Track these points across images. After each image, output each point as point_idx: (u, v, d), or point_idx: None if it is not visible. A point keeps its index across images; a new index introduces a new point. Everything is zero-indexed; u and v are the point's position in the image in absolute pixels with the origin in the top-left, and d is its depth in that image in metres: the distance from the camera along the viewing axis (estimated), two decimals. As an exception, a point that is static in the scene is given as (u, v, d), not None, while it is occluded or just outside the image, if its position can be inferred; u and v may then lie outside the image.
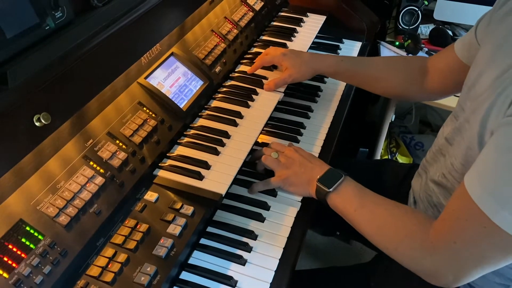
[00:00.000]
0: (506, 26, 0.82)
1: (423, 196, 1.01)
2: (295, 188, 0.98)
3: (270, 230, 0.92)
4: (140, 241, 0.80)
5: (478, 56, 0.89)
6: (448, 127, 0.96)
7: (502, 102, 0.72)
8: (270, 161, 1.01)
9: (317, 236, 1.91)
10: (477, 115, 0.77)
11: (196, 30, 1.20)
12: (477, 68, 0.86)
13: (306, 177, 0.97)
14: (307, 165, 0.98)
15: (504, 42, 0.80)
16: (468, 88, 0.88)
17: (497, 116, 0.72)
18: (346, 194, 0.92)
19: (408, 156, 2.10)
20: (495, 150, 0.69)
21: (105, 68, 0.90)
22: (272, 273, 0.84)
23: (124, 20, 0.92)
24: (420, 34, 1.79)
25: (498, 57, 0.80)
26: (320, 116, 1.23)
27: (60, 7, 0.80)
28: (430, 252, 0.77)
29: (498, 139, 0.70)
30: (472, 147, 0.79)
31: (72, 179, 0.80)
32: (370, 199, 0.91)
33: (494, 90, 0.75)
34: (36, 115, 0.74)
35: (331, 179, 0.93)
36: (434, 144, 1.03)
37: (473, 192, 0.69)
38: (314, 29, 1.48)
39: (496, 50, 0.82)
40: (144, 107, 0.97)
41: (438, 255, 0.76)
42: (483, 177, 0.69)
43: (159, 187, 0.91)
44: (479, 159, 0.72)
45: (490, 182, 0.68)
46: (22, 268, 0.68)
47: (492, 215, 0.66)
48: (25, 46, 0.75)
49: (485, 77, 0.81)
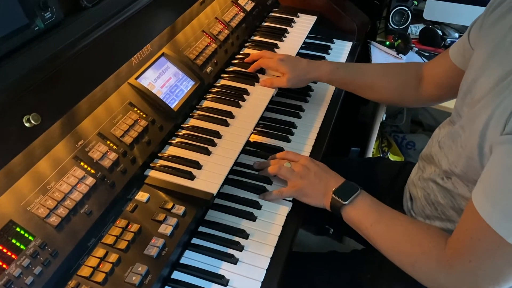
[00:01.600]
0: (498, 30, 0.83)
1: (421, 194, 1.01)
2: (309, 199, 0.97)
3: (262, 229, 0.92)
4: (131, 241, 0.80)
5: (472, 61, 0.90)
6: (445, 130, 0.96)
7: (500, 115, 0.72)
8: (285, 171, 0.99)
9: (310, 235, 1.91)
10: (475, 126, 0.78)
11: (187, 31, 1.20)
12: (472, 73, 0.86)
13: (321, 188, 0.96)
14: (323, 175, 0.98)
15: (497, 48, 0.81)
16: (463, 93, 0.89)
17: (495, 129, 0.73)
18: (362, 207, 0.91)
19: (399, 155, 2.11)
20: (500, 170, 0.70)
21: (95, 69, 0.90)
22: (263, 271, 0.85)
23: (114, 20, 0.92)
24: (410, 34, 1.81)
25: (492, 63, 0.80)
26: (311, 115, 1.24)
27: (49, 7, 0.80)
28: (446, 270, 0.77)
29: (500, 158, 0.70)
30: (473, 158, 0.79)
31: (63, 180, 0.79)
32: (386, 214, 0.90)
33: (491, 101, 0.76)
34: (25, 116, 0.74)
35: (347, 192, 0.93)
36: (428, 145, 1.03)
37: (484, 213, 0.70)
38: (305, 30, 1.48)
39: (490, 55, 0.82)
40: (135, 107, 0.97)
41: (454, 273, 0.76)
42: (491, 197, 0.70)
43: (150, 187, 0.91)
44: (484, 178, 0.73)
45: (500, 203, 0.69)
46: (13, 269, 0.68)
47: (506, 236, 0.67)
48: (14, 46, 0.75)
49: (481, 84, 0.82)
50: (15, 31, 0.74)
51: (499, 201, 0.69)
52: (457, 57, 1.01)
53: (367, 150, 1.91)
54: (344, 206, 0.92)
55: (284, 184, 1.01)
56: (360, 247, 1.21)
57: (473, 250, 0.73)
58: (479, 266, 0.73)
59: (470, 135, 0.80)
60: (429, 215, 0.99)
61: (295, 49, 1.38)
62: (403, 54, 1.68)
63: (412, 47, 1.69)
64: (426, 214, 0.99)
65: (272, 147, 1.10)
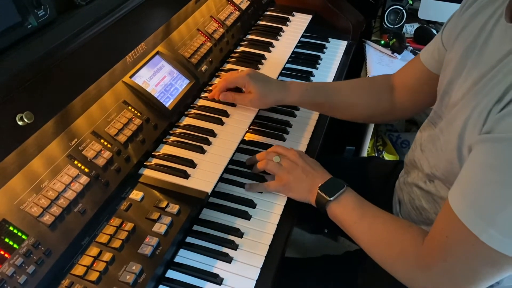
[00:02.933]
0: (470, 30, 0.83)
1: (407, 199, 1.02)
2: (295, 194, 0.98)
3: (256, 228, 0.93)
4: (126, 240, 0.80)
5: (446, 61, 0.89)
6: (425, 133, 0.95)
7: (478, 116, 0.72)
8: (272, 166, 0.99)
9: (305, 234, 1.92)
10: (453, 129, 0.78)
11: (181, 29, 1.20)
12: (447, 75, 0.86)
13: (307, 184, 0.96)
14: (310, 171, 0.98)
15: (470, 48, 0.81)
16: (441, 96, 0.88)
17: (473, 131, 0.73)
18: (346, 204, 0.91)
19: (394, 154, 2.12)
20: (477, 168, 0.70)
21: (89, 67, 0.89)
22: (258, 270, 0.85)
23: (108, 19, 0.91)
24: (405, 33, 1.81)
25: (467, 64, 0.80)
26: (306, 114, 1.24)
27: (42, 5, 0.79)
28: (423, 270, 0.77)
29: (478, 157, 0.70)
30: (452, 161, 0.79)
31: (57, 179, 0.79)
32: (369, 212, 0.90)
33: (468, 103, 0.75)
34: (18, 114, 0.73)
35: (333, 188, 0.93)
36: (412, 148, 1.02)
37: (459, 211, 0.70)
38: (300, 28, 1.48)
39: (463, 56, 0.82)
40: (129, 106, 0.97)
41: (430, 273, 0.76)
42: (467, 196, 0.70)
43: (144, 186, 0.91)
44: (461, 177, 0.73)
45: (474, 201, 0.68)
46: (6, 268, 0.67)
47: (479, 234, 0.67)
48: (7, 44, 0.75)
49: (457, 85, 0.82)
50: (8, 29, 0.74)
51: (472, 198, 0.69)
52: (430, 61, 1.00)
53: (362, 149, 1.92)
54: (329, 202, 0.92)
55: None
56: (354, 247, 1.21)
57: (448, 249, 0.73)
58: (455, 265, 0.73)
59: (449, 138, 0.80)
60: (415, 220, 0.99)
61: (290, 48, 1.38)
62: (398, 53, 1.68)
63: (407, 46, 1.70)
64: (412, 219, 0.99)
65: (267, 146, 1.10)
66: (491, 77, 0.73)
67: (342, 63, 1.47)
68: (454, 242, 0.72)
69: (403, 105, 1.11)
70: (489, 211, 0.66)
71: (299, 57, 1.47)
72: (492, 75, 0.73)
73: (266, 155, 1.02)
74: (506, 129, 0.66)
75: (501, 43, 0.74)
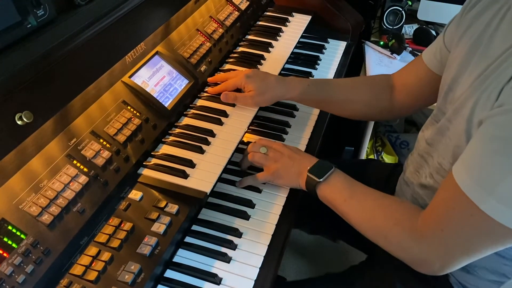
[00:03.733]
0: (475, 29, 0.84)
1: (409, 198, 1.01)
2: (284, 180, 0.99)
3: (255, 228, 0.93)
4: (124, 240, 0.80)
5: (450, 61, 0.90)
6: (429, 131, 0.96)
7: (487, 97, 0.73)
8: (258, 157, 1.01)
9: (303, 234, 1.92)
10: (461, 114, 0.78)
11: (181, 29, 1.20)
12: (451, 73, 0.87)
13: (295, 169, 0.97)
14: (296, 157, 0.99)
15: (476, 45, 0.81)
16: (445, 93, 0.89)
17: (482, 110, 0.73)
18: (336, 184, 0.93)
19: (393, 155, 2.12)
20: (482, 140, 0.70)
21: (88, 67, 0.89)
22: (256, 270, 0.85)
23: (107, 18, 0.91)
24: (404, 34, 1.82)
25: (472, 60, 0.81)
26: (305, 115, 1.24)
27: (42, 5, 0.79)
28: (418, 240, 0.79)
29: (485, 129, 0.71)
30: (460, 145, 0.80)
31: (55, 178, 0.79)
32: (359, 190, 0.92)
33: (476, 89, 0.76)
34: (18, 114, 0.73)
35: (322, 170, 0.94)
36: (415, 150, 1.03)
37: (461, 181, 0.71)
38: (299, 29, 1.48)
39: (468, 53, 0.83)
40: (128, 106, 0.97)
41: (426, 243, 0.78)
42: (470, 166, 0.71)
43: (143, 186, 0.91)
44: (466, 150, 0.74)
45: (477, 171, 0.69)
46: (4, 267, 0.67)
47: (479, 203, 0.68)
48: (6, 44, 0.75)
49: (462, 81, 0.82)
50: (7, 29, 0.74)
51: (474, 168, 0.70)
52: (433, 61, 1.00)
53: (361, 150, 1.92)
54: (318, 183, 0.93)
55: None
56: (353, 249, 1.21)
57: (447, 218, 0.74)
58: (451, 235, 0.74)
59: (458, 124, 0.80)
60: None
61: (289, 49, 1.38)
62: (397, 54, 1.69)
63: (406, 47, 1.70)
64: None
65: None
66: (500, 62, 0.73)
67: (341, 64, 1.47)
68: (454, 211, 0.73)
69: (402, 104, 1.12)
70: (491, 181, 0.67)
71: (298, 57, 1.47)
72: (501, 61, 0.73)
73: (252, 147, 1.03)
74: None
75: (508, 35, 0.75)
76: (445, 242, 0.75)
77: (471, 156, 0.72)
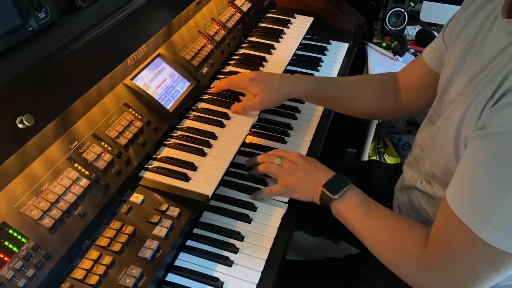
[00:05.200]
0: (471, 28, 0.83)
1: (406, 200, 1.01)
2: (299, 194, 0.97)
3: (257, 231, 0.92)
4: (126, 243, 0.80)
5: (446, 60, 0.89)
6: (425, 133, 0.95)
7: (472, 113, 0.72)
8: (274, 168, 0.99)
9: (306, 236, 1.91)
10: (450, 126, 0.78)
11: (183, 31, 1.20)
12: (447, 73, 0.86)
13: (311, 183, 0.95)
14: (312, 170, 0.97)
15: (470, 46, 0.81)
16: (440, 94, 0.88)
17: (468, 127, 0.73)
18: (351, 202, 0.90)
19: (396, 156, 2.11)
20: (470, 164, 0.69)
21: (90, 69, 0.89)
22: (258, 274, 0.84)
23: (109, 21, 0.91)
24: (407, 35, 1.81)
25: (466, 62, 0.80)
26: (307, 117, 1.24)
27: (43, 8, 0.79)
28: (427, 270, 0.77)
29: (471, 153, 0.70)
30: (449, 158, 0.79)
31: (57, 181, 0.79)
32: (373, 210, 0.90)
33: (464, 99, 0.75)
34: (19, 117, 0.73)
35: (337, 186, 0.92)
36: (412, 152, 1.02)
37: (456, 208, 0.69)
38: (301, 30, 1.48)
39: (463, 54, 0.82)
40: (130, 108, 0.97)
41: (434, 273, 0.76)
42: (462, 192, 0.70)
43: (145, 189, 0.91)
44: (457, 174, 0.72)
45: (470, 197, 0.68)
46: (5, 271, 0.67)
47: (476, 230, 0.66)
48: (7, 47, 0.75)
49: (456, 83, 0.82)
50: (8, 32, 0.74)
51: (467, 194, 0.68)
52: (432, 60, 1.00)
53: (363, 152, 1.91)
54: (333, 200, 0.91)
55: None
56: (355, 251, 1.20)
57: (450, 247, 0.72)
58: (457, 264, 0.72)
59: (446, 134, 0.80)
60: None
61: (291, 50, 1.37)
62: (400, 56, 1.68)
63: (409, 48, 1.69)
64: None
65: (269, 149, 1.10)
66: (486, 74, 0.73)
67: (344, 66, 1.46)
68: (454, 240, 0.71)
69: (407, 103, 1.11)
70: (484, 207, 0.66)
71: (301, 59, 1.46)
72: (487, 72, 0.72)
73: (267, 157, 1.02)
74: (497, 124, 0.65)
75: (498, 40, 0.74)
76: (452, 272, 0.73)
77: (462, 182, 0.70)
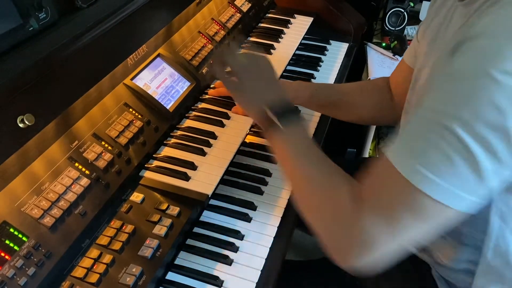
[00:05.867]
0: (438, 20, 0.85)
1: None
2: (245, 110, 0.92)
3: (257, 230, 0.92)
4: (126, 242, 0.80)
5: (418, 52, 0.91)
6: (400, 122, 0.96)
7: None
8: (225, 81, 0.90)
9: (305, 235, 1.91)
10: None
11: (183, 31, 1.20)
12: (418, 63, 0.88)
13: (255, 103, 0.84)
14: (258, 88, 0.85)
15: (437, 35, 0.83)
16: (412, 85, 0.90)
17: None
18: (295, 135, 0.79)
19: (396, 156, 2.11)
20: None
21: (90, 69, 0.89)
22: (258, 272, 0.85)
23: (109, 21, 0.92)
24: (407, 35, 1.81)
25: (432, 52, 0.82)
26: (307, 116, 1.24)
27: (43, 8, 0.80)
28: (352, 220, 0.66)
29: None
30: None
31: (57, 181, 0.79)
32: (314, 149, 0.78)
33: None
34: (19, 116, 0.73)
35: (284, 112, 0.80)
36: None
37: (388, 153, 0.64)
38: (301, 31, 1.48)
39: (431, 43, 0.84)
40: (130, 108, 0.97)
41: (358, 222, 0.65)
42: (397, 139, 0.66)
43: (145, 188, 0.91)
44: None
45: (401, 140, 0.65)
46: (6, 269, 0.67)
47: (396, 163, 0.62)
48: (8, 47, 0.75)
49: (424, 72, 0.83)
50: (9, 32, 0.74)
51: (400, 140, 0.65)
52: (410, 58, 1.02)
53: (363, 151, 1.91)
54: (275, 127, 0.79)
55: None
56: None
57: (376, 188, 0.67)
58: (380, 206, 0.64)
59: None
60: None
61: (291, 50, 1.38)
62: (399, 56, 1.68)
63: (408, 48, 1.70)
64: None
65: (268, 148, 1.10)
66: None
67: (343, 66, 1.47)
68: (380, 180, 0.66)
69: (402, 105, 1.10)
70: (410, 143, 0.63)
71: (300, 59, 1.47)
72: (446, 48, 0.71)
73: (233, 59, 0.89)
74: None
75: (456, 24, 0.76)
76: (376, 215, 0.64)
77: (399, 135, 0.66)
